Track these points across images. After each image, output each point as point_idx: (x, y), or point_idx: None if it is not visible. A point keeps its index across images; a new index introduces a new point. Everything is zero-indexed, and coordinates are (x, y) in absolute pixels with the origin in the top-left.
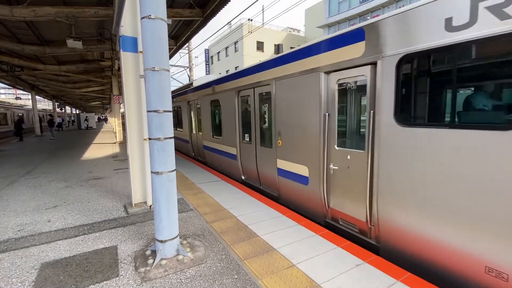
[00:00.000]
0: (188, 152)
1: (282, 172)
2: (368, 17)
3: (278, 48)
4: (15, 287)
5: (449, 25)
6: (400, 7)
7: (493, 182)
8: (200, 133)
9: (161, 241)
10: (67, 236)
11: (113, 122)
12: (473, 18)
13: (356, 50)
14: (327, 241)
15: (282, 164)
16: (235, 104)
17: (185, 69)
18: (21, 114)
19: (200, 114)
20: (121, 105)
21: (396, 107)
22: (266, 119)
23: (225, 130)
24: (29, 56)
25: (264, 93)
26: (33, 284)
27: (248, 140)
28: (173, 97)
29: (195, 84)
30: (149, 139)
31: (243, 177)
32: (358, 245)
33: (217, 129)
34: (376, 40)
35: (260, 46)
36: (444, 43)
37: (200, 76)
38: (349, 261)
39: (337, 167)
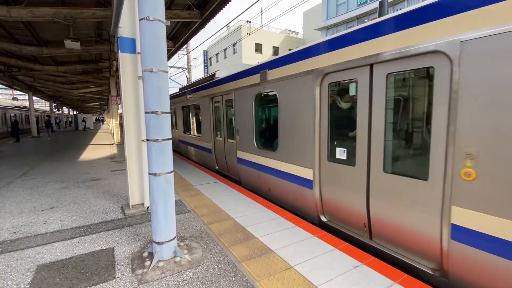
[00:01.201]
0: (208, 164)
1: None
2: (366, 20)
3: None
4: None
5: None
6: (397, 10)
7: None
8: (232, 141)
9: (159, 243)
10: (64, 238)
11: (111, 123)
12: None
13: None
14: (325, 243)
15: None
16: (316, 97)
17: (184, 70)
18: (13, 115)
19: (234, 114)
20: (119, 106)
21: None
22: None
23: (287, 141)
24: (27, 57)
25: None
26: (28, 286)
27: (344, 159)
28: (184, 94)
29: (222, 75)
30: (147, 140)
31: (324, 218)
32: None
33: (266, 137)
34: None
35: (258, 48)
36: None
37: (199, 77)
38: (347, 263)
39: None
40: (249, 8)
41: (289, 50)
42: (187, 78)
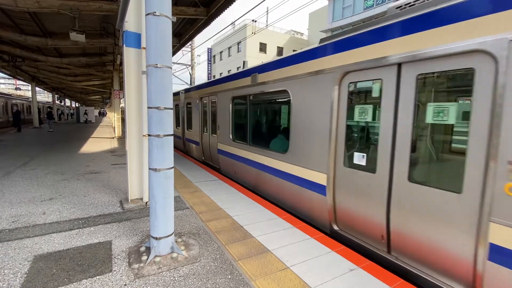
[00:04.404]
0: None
1: None
2: None
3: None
4: (7, 278)
5: None
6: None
7: None
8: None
9: (156, 238)
10: (62, 229)
11: (112, 117)
12: None
13: None
14: (322, 245)
15: None
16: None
17: (187, 67)
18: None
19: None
20: (121, 100)
21: None
22: None
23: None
24: (31, 47)
25: None
26: (25, 276)
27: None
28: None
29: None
30: (148, 135)
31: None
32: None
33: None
34: None
35: (263, 47)
36: None
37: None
38: (343, 266)
39: None
40: (254, 8)
41: (293, 50)
42: (190, 75)
